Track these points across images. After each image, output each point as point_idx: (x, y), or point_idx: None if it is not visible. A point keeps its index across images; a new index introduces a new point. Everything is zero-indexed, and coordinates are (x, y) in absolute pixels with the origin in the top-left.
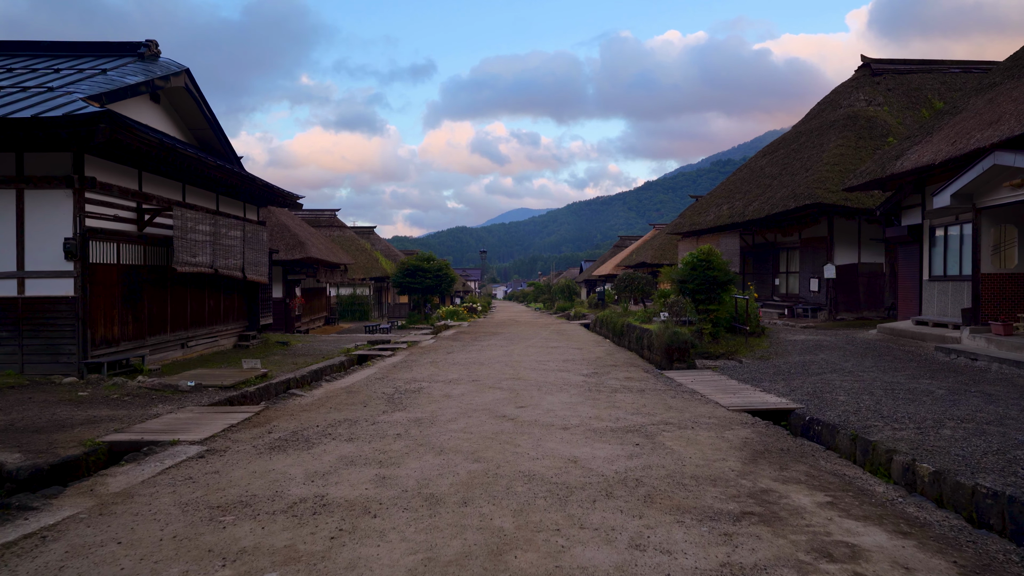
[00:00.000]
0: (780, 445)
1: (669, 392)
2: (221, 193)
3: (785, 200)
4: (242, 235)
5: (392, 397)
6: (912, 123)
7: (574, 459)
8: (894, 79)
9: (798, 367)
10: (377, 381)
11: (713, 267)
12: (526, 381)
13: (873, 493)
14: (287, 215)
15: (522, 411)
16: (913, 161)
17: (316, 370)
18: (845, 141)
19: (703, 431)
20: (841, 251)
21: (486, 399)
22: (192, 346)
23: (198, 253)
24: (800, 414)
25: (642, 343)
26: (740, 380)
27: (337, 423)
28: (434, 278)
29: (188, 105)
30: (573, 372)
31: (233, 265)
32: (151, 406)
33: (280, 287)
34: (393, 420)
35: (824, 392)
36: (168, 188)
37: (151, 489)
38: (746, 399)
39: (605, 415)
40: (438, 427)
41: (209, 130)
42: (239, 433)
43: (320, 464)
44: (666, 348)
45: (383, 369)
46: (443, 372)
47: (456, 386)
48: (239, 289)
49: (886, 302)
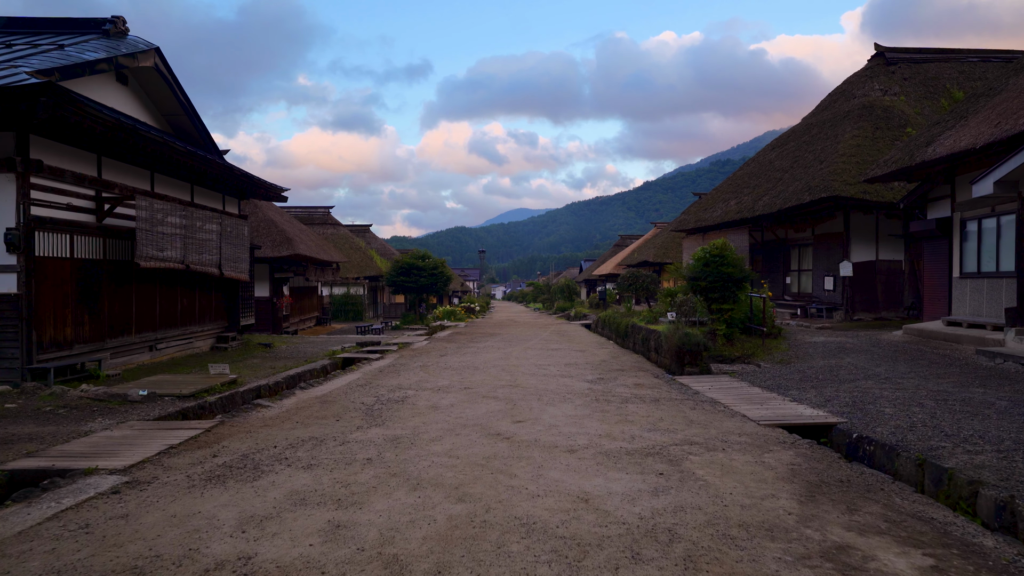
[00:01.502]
0: (836, 474)
1: (687, 402)
2: (197, 184)
3: (799, 193)
4: (219, 229)
5: (371, 409)
6: (931, 113)
7: (585, 496)
8: (910, 68)
9: (825, 372)
10: (358, 389)
11: (727, 263)
12: (524, 389)
13: (983, 550)
14: (275, 210)
15: (520, 427)
16: (948, 147)
17: (293, 376)
18: (861, 132)
19: (737, 454)
20: (858, 248)
21: (478, 411)
22: (162, 348)
23: (166, 247)
24: (844, 430)
25: (648, 345)
26: (764, 388)
27: (299, 443)
28: (429, 277)
29: (160, 88)
30: (576, 378)
31: (208, 261)
32: (86, 421)
33: (267, 286)
34: (367, 439)
35: (865, 403)
36: (133, 176)
37: (24, 545)
38: (777, 411)
39: (617, 432)
40: (418, 449)
41: (184, 116)
42: (176, 457)
43: (262, 504)
44: (676, 351)
45: (367, 374)
46: (433, 378)
47: (446, 395)
48: (217, 287)
49: (905, 302)
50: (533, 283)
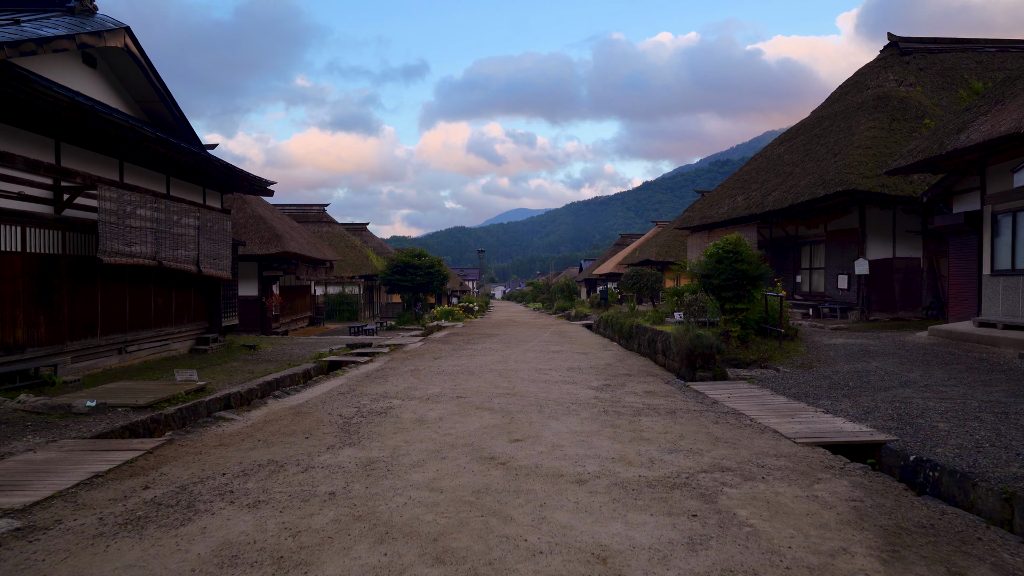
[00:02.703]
0: (912, 515)
1: (707, 414)
2: (173, 175)
3: (812, 187)
4: (198, 223)
5: (348, 423)
6: (949, 104)
7: (601, 552)
8: (925, 58)
9: (855, 379)
10: (339, 397)
11: (742, 260)
12: (524, 398)
13: None
14: (264, 206)
15: (518, 448)
16: (984, 133)
17: (270, 382)
18: (877, 123)
19: (780, 483)
20: (874, 244)
21: (471, 426)
22: (133, 351)
23: (135, 242)
24: (896, 450)
25: (655, 347)
26: (790, 396)
27: (254, 469)
28: (426, 275)
29: (132, 72)
30: (581, 384)
31: (185, 257)
32: (11, 440)
33: (255, 284)
34: (336, 463)
35: (911, 416)
36: (99, 164)
37: None
38: (813, 426)
39: (633, 454)
40: (394, 479)
41: (160, 103)
42: (98, 490)
43: (179, 565)
44: (687, 354)
45: (352, 380)
46: (423, 384)
47: (435, 405)
48: (197, 285)
49: (924, 301)
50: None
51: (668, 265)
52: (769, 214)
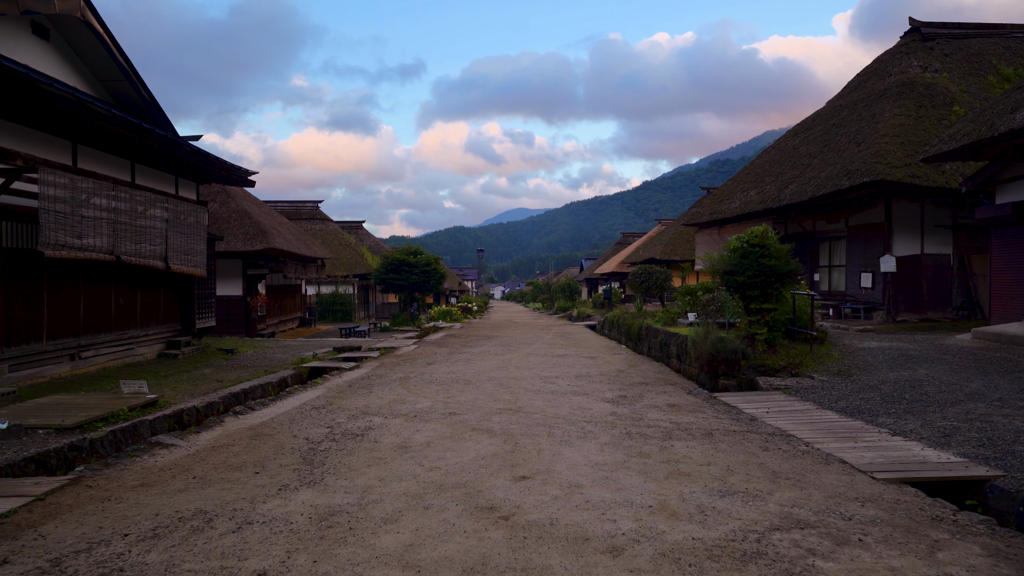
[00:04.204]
0: None
1: (750, 435)
2: (139, 161)
3: (835, 178)
4: (167, 215)
5: (315, 449)
6: (977, 90)
7: None
8: (949, 44)
9: (908, 389)
10: (312, 413)
11: (769, 254)
12: (528, 415)
13: None
14: (250, 200)
15: (525, 490)
16: None
17: (236, 393)
18: (903, 110)
19: (887, 549)
20: (900, 240)
21: (464, 456)
22: (89, 357)
23: (87, 233)
24: (1008, 490)
25: (668, 351)
26: (840, 411)
27: (170, 526)
28: (421, 274)
29: (93, 47)
30: (593, 396)
31: (150, 252)
32: None
33: (239, 283)
34: (283, 515)
35: (1007, 441)
36: (46, 146)
37: None
38: (884, 453)
39: (675, 498)
40: (356, 545)
41: (126, 83)
42: None
43: None
44: (709, 359)
45: (332, 390)
46: (412, 396)
47: (423, 425)
48: (167, 284)
49: (954, 301)
50: (532, 282)
51: (674, 263)
52: (786, 208)
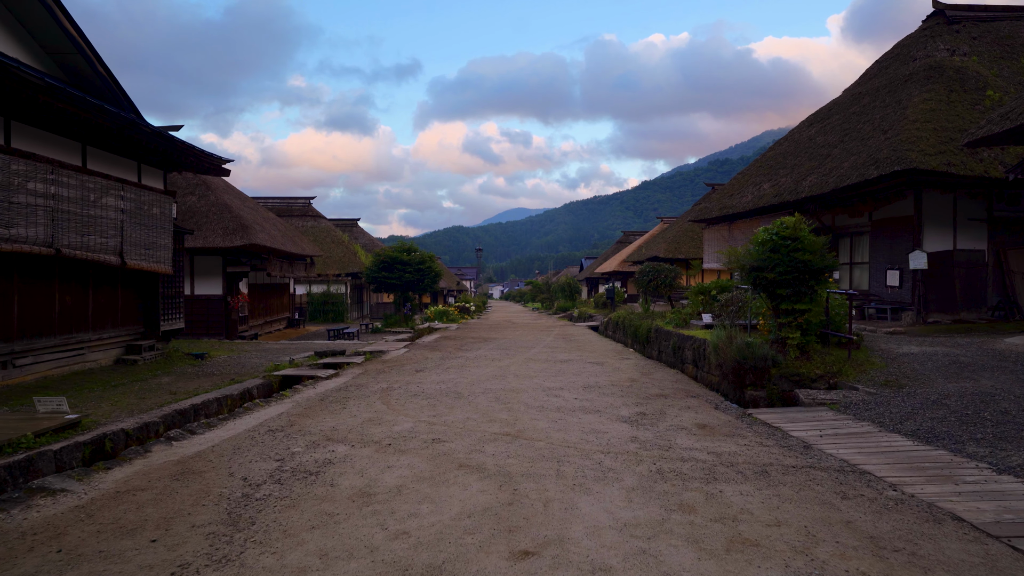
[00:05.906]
0: None
1: (815, 473)
2: (91, 143)
3: (860, 168)
4: (124, 204)
5: (248, 498)
6: (1011, 75)
7: None
8: (977, 27)
9: (983, 406)
10: (264, 438)
11: (803, 248)
12: (531, 443)
13: None
14: (232, 193)
15: None
16: None
17: (185, 410)
18: (933, 95)
19: None
20: (930, 235)
21: (444, 514)
22: (26, 365)
23: (19, 223)
24: None
25: (682, 356)
26: (909, 436)
27: None
28: (415, 272)
29: (36, 13)
30: (607, 414)
31: (101, 245)
32: None
33: (219, 282)
34: None
35: None
36: None
37: None
38: (1007, 503)
39: None
40: None
41: (78, 56)
42: None
43: None
44: (735, 367)
45: (299, 405)
46: (391, 415)
47: (397, 459)
48: (126, 281)
49: (990, 300)
50: (532, 282)
51: (679, 261)
52: (804, 201)
